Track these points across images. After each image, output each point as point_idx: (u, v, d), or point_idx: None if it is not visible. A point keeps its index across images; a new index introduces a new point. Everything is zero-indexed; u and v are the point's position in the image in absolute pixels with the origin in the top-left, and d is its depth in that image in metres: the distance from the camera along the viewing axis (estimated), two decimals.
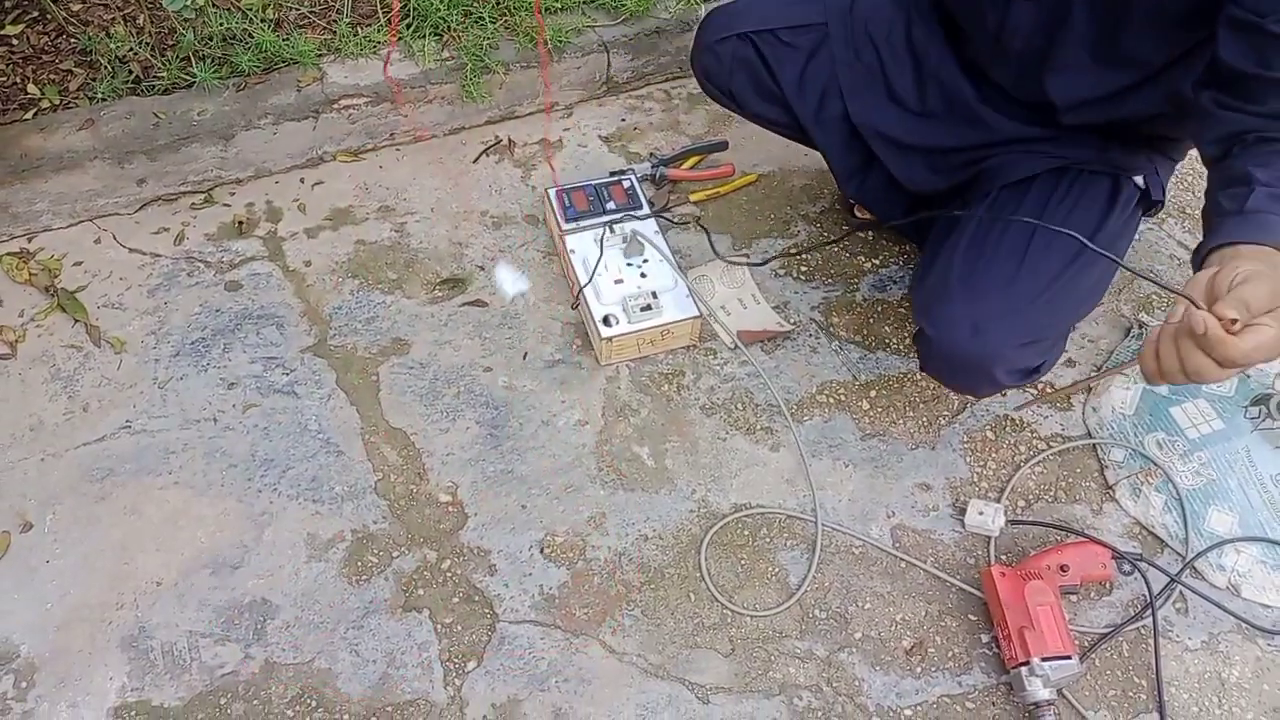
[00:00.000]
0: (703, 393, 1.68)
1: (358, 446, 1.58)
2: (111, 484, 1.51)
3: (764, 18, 1.56)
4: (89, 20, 1.97)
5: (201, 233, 1.83)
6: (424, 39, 1.98)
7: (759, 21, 1.56)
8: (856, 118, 1.55)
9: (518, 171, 1.98)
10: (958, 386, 1.57)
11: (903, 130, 1.52)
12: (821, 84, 1.56)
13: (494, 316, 1.75)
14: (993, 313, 1.34)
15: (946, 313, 1.37)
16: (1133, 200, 1.44)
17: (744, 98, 1.63)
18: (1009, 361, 1.38)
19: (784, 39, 1.54)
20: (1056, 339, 1.47)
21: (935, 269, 1.42)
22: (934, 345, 1.40)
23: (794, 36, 1.54)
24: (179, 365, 1.65)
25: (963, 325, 1.35)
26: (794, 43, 1.54)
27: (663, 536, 1.51)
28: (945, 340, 1.37)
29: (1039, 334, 1.38)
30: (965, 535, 1.53)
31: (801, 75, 1.56)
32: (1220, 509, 1.50)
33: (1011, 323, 1.34)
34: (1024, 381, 1.49)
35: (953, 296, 1.37)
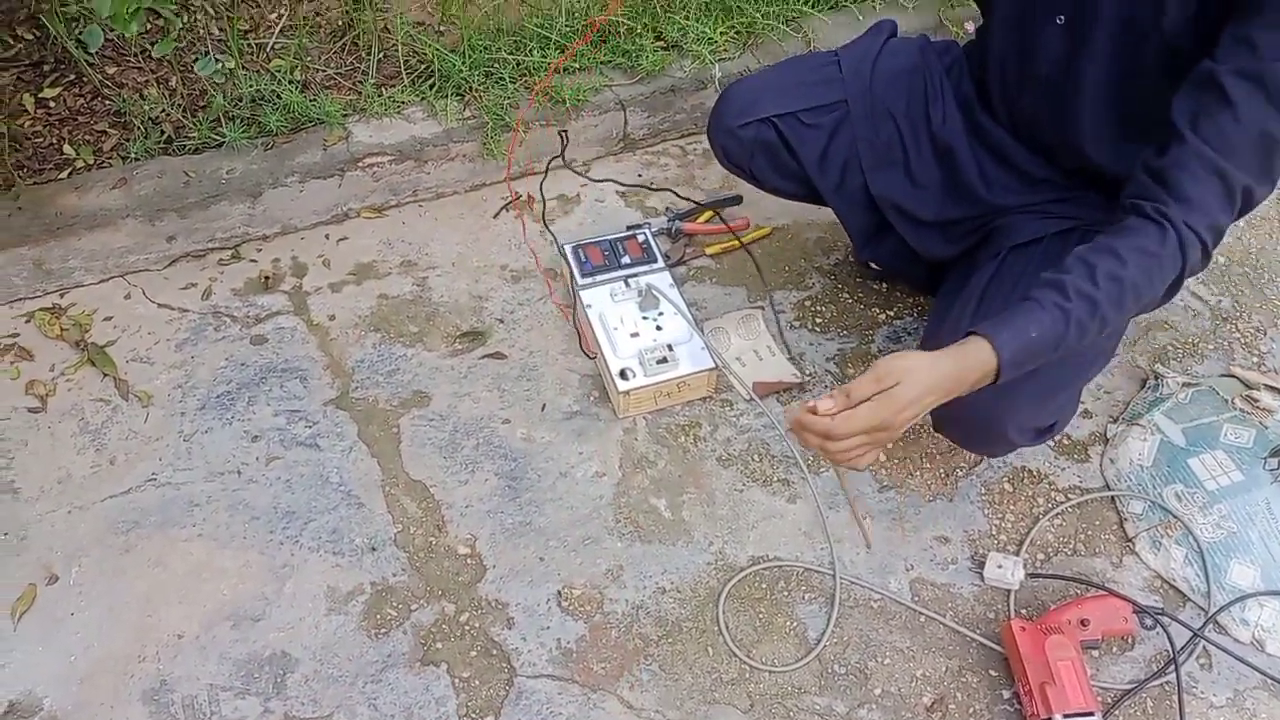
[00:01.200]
0: (719, 444, 1.69)
1: (378, 498, 1.60)
2: (137, 536, 1.53)
3: (785, 100, 1.57)
4: (124, 83, 2.04)
5: (229, 288, 1.87)
6: (446, 99, 2.03)
7: (780, 105, 1.56)
8: (877, 193, 1.58)
9: (537, 226, 2.02)
10: (973, 447, 1.57)
11: (918, 204, 1.56)
12: (843, 159, 1.58)
13: (513, 369, 1.78)
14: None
15: None
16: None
17: (763, 175, 1.66)
18: (1021, 421, 1.39)
19: (805, 120, 1.56)
20: (1069, 397, 1.47)
21: (945, 329, 1.44)
22: (946, 407, 1.40)
23: (815, 117, 1.56)
24: (204, 418, 1.68)
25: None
26: (815, 123, 1.56)
27: (680, 589, 1.51)
28: (958, 401, 1.38)
29: (1052, 390, 1.39)
30: (985, 589, 1.52)
31: (824, 154, 1.58)
32: (1242, 562, 1.49)
33: (1023, 382, 1.34)
34: (1039, 440, 1.50)
35: None
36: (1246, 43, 1.08)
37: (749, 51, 2.20)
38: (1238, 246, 2.02)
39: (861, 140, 1.56)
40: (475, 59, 2.06)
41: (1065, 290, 1.11)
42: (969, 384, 1.13)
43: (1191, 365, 1.81)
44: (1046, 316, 1.11)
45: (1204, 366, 1.81)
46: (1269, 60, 1.07)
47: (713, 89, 2.15)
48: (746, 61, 2.18)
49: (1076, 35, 1.29)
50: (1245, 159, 1.11)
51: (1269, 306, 1.91)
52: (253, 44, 2.09)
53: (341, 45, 2.12)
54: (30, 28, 2.08)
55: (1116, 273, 1.11)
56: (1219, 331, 1.87)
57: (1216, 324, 1.88)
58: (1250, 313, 1.90)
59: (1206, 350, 1.84)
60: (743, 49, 2.20)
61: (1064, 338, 1.11)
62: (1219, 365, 1.80)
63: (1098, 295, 1.10)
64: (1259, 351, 1.84)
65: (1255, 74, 1.08)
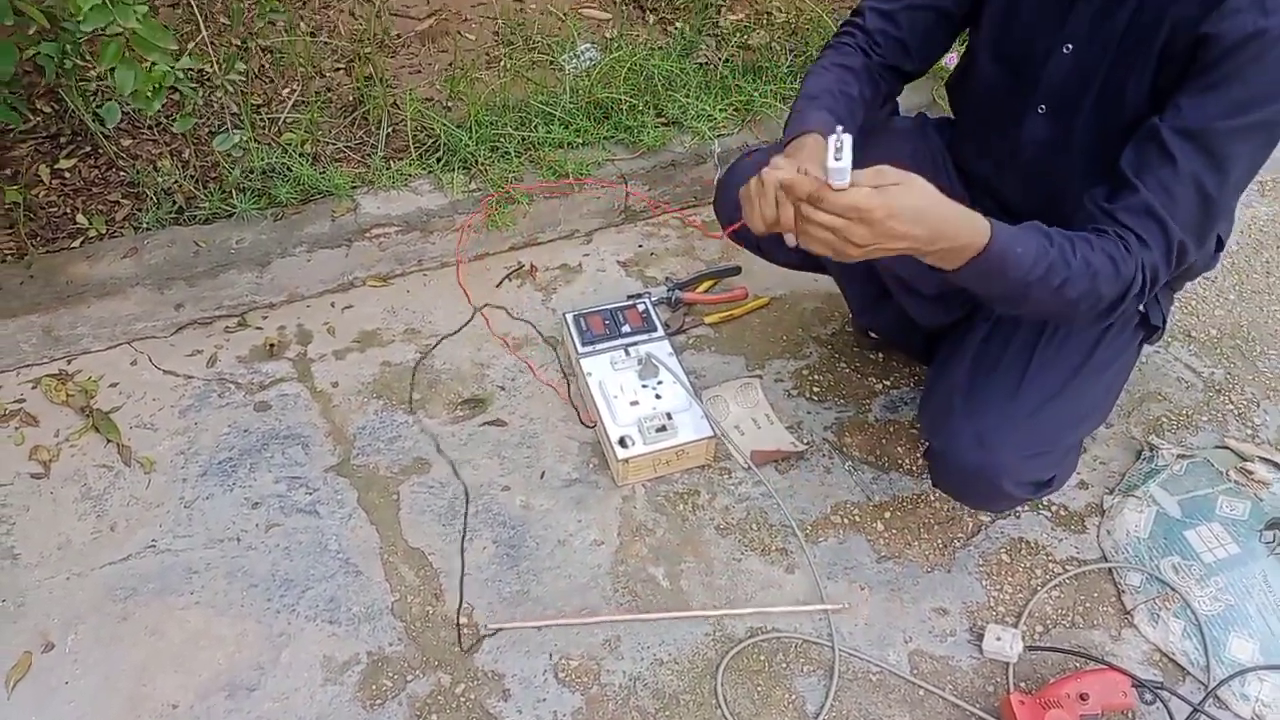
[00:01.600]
0: (718, 512, 1.69)
1: (376, 566, 1.60)
2: (134, 604, 1.53)
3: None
4: (138, 155, 2.10)
5: (234, 355, 1.90)
6: (453, 172, 2.08)
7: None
8: (879, 264, 1.61)
9: (539, 295, 2.06)
10: (971, 501, 1.59)
11: (917, 276, 1.58)
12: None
13: (513, 435, 1.79)
14: (995, 425, 1.39)
15: (951, 426, 1.42)
16: (1130, 324, 1.47)
17: (771, 250, 1.71)
18: (1016, 473, 1.41)
19: None
20: (1065, 452, 1.49)
21: (940, 385, 1.48)
22: (941, 459, 1.44)
23: None
24: (206, 485, 1.69)
25: (967, 437, 1.40)
26: None
27: (678, 661, 1.50)
28: (951, 453, 1.42)
29: (1043, 446, 1.42)
30: (983, 661, 1.52)
31: None
32: (1241, 636, 1.48)
33: (1014, 435, 1.39)
34: (1037, 495, 1.52)
35: (956, 410, 1.42)
36: (1189, 105, 1.15)
37: (747, 128, 2.26)
38: (1229, 319, 2.05)
39: None
40: (481, 134, 2.12)
41: (1052, 240, 1.16)
42: (952, 239, 1.11)
43: (1186, 437, 1.82)
44: (1033, 244, 1.15)
45: (1198, 438, 1.82)
46: (1207, 121, 1.14)
47: (712, 163, 2.21)
48: (745, 137, 2.24)
49: (1058, 122, 1.35)
50: (1184, 214, 1.17)
51: (1261, 379, 1.94)
52: (265, 118, 2.15)
53: (352, 120, 2.19)
54: (49, 101, 2.15)
55: (1088, 257, 1.17)
56: (1212, 403, 1.89)
57: (1210, 396, 1.90)
58: (1243, 385, 1.92)
59: (1200, 422, 1.85)
60: (741, 125, 2.26)
61: (1031, 271, 1.14)
62: (1213, 437, 1.82)
63: (1072, 261, 1.16)
64: (1253, 424, 1.85)
65: (1194, 133, 1.14)
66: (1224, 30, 1.10)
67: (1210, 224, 1.21)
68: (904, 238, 1.08)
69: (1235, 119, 1.13)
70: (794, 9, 2.59)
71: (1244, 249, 2.22)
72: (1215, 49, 1.11)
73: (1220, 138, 1.14)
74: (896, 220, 1.06)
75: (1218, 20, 1.11)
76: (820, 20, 2.47)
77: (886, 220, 1.06)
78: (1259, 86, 1.12)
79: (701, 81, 2.31)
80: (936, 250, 1.12)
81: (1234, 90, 1.12)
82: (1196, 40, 1.13)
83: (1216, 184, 1.17)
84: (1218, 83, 1.13)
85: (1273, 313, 2.08)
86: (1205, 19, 1.12)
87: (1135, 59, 1.22)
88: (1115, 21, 1.24)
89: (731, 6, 2.60)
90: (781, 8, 2.60)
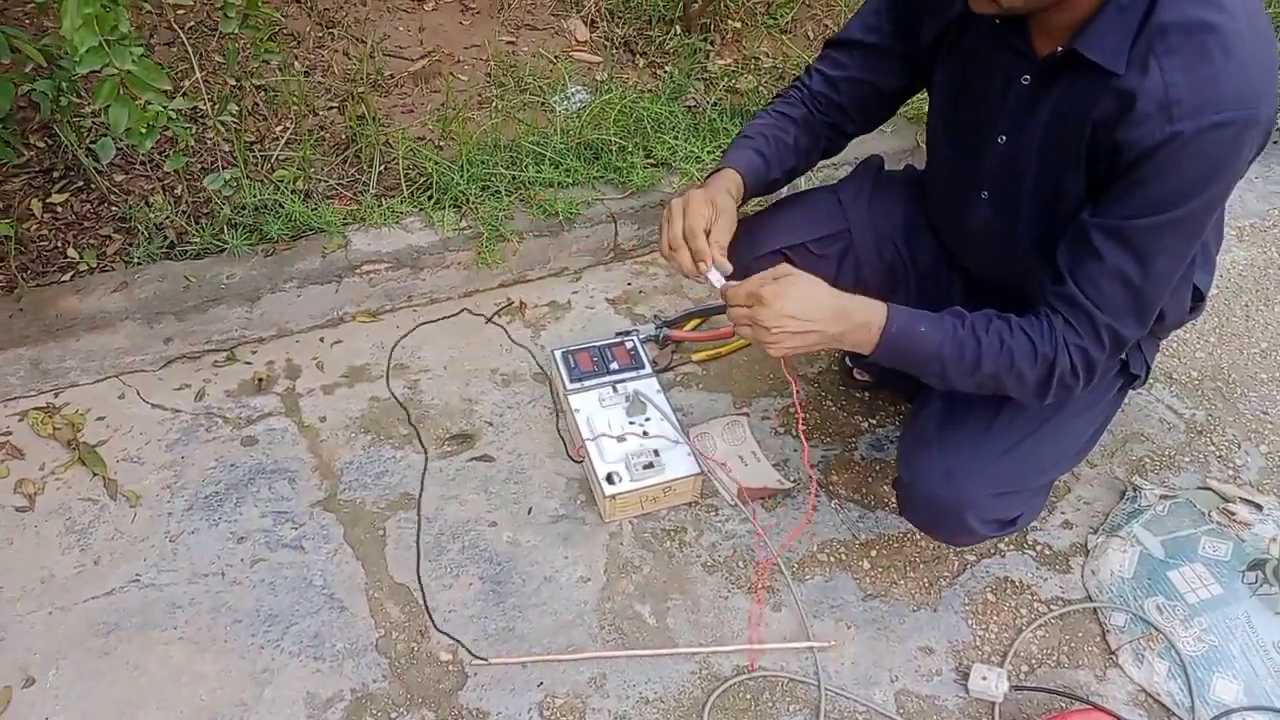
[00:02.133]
0: (704, 550, 1.70)
1: (361, 602, 1.59)
2: (116, 639, 1.52)
3: (794, 233, 1.63)
4: (130, 190, 2.11)
5: (222, 389, 1.90)
6: (444, 210, 2.11)
7: (790, 237, 1.63)
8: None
9: (528, 331, 2.07)
10: (935, 533, 1.60)
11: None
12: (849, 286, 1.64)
13: (500, 471, 1.79)
14: (965, 461, 1.41)
15: (922, 459, 1.45)
16: (1109, 372, 1.49)
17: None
18: (982, 510, 1.43)
19: (814, 250, 1.62)
20: (1034, 493, 1.51)
21: (917, 420, 1.51)
22: (910, 490, 1.47)
23: (822, 247, 1.62)
24: (191, 519, 1.69)
25: (936, 471, 1.42)
26: (823, 253, 1.62)
27: (664, 700, 1.50)
28: (919, 484, 1.45)
29: (1012, 485, 1.44)
30: (969, 701, 1.52)
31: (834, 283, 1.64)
32: (1225, 677, 1.49)
33: (983, 472, 1.41)
34: (1002, 533, 1.54)
35: (929, 443, 1.45)
36: (1113, 203, 1.21)
37: None
38: (1209, 361, 2.08)
39: (865, 265, 1.63)
40: (473, 173, 2.14)
41: (964, 322, 1.29)
42: (849, 327, 1.29)
43: (1168, 477, 1.84)
44: (938, 328, 1.29)
45: (1181, 479, 1.84)
46: (1127, 219, 1.20)
47: None
48: None
49: (1001, 207, 1.41)
50: (1111, 304, 1.24)
51: (1241, 420, 1.96)
52: (258, 155, 2.17)
53: (344, 158, 2.21)
54: (43, 136, 2.16)
55: (1003, 336, 1.28)
56: (1194, 444, 1.91)
57: (1192, 437, 1.92)
58: (1224, 426, 1.95)
59: (1183, 463, 1.87)
60: None
61: (939, 351, 1.28)
62: (1195, 478, 1.84)
63: (982, 341, 1.28)
64: (1234, 465, 1.87)
65: (1116, 230, 1.21)
66: (1136, 138, 1.15)
67: (1143, 307, 1.27)
68: (802, 319, 1.26)
69: (1154, 216, 1.19)
70: (781, 54, 2.64)
71: (1224, 293, 2.25)
72: (1130, 154, 1.17)
73: (1141, 234, 1.20)
74: (787, 301, 1.25)
75: (1127, 129, 1.16)
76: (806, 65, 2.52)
77: (776, 301, 1.25)
78: (1175, 186, 1.17)
79: (690, 124, 2.34)
80: (840, 333, 1.29)
81: (1152, 190, 1.18)
82: (1114, 144, 1.18)
83: (1141, 276, 1.23)
84: (1137, 183, 1.18)
85: (1252, 355, 2.11)
86: (1118, 126, 1.17)
87: (1065, 154, 1.27)
88: (1038, 117, 1.29)
89: (720, 51, 2.65)
90: (769, 53, 2.66)
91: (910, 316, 1.29)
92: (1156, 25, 1.13)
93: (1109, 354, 1.29)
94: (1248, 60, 1.12)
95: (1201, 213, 1.20)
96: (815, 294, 1.28)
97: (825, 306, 1.27)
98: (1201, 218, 1.21)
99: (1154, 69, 1.13)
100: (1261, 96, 1.13)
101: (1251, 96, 1.12)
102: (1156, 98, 1.12)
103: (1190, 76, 1.12)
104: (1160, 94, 1.12)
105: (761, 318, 1.26)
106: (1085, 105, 1.21)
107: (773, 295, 1.25)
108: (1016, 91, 1.30)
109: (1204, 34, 1.12)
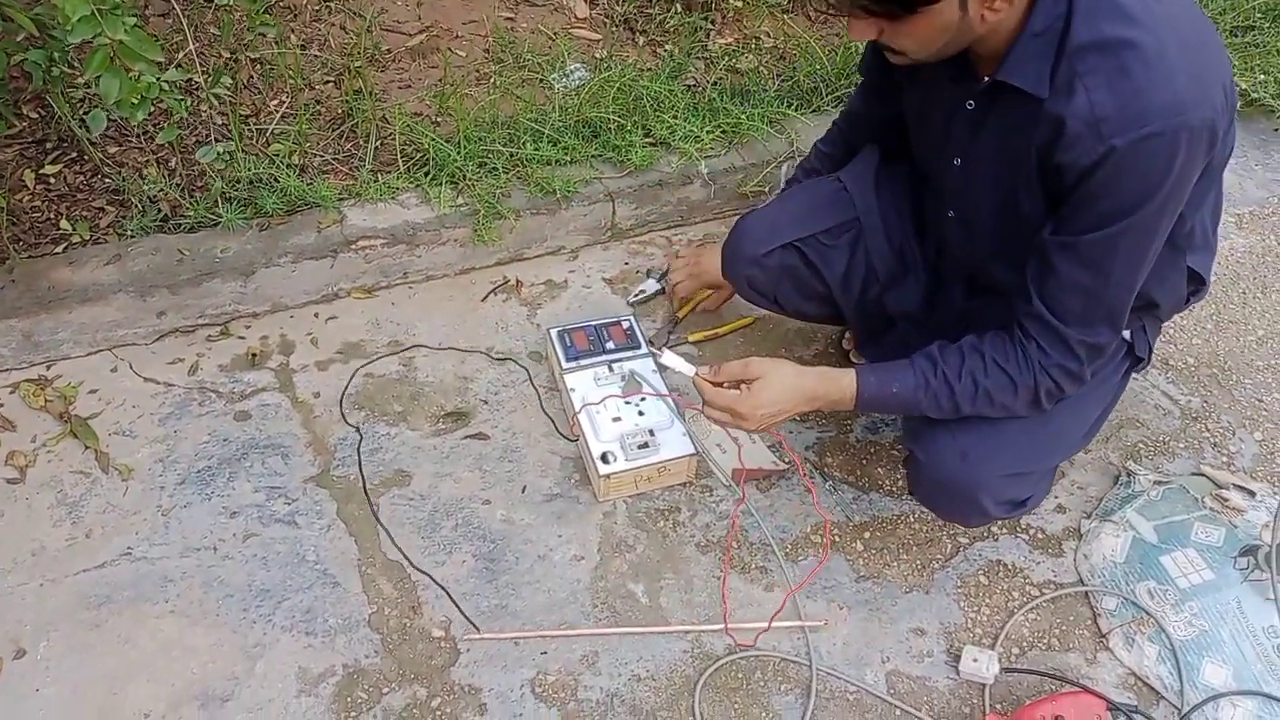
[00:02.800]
0: (699, 530, 1.70)
1: (354, 578, 1.59)
2: (108, 611, 1.52)
3: (804, 225, 1.66)
4: (124, 162, 2.09)
5: (215, 364, 1.89)
6: (440, 186, 2.09)
7: (800, 229, 1.66)
8: (892, 307, 1.67)
9: (524, 309, 2.06)
10: (946, 513, 1.61)
11: (924, 311, 1.65)
12: (861, 277, 1.67)
13: (495, 449, 1.79)
14: (979, 442, 1.42)
15: (937, 438, 1.45)
16: (1116, 355, 1.50)
17: (787, 299, 1.75)
18: (996, 491, 1.43)
19: (825, 241, 1.65)
20: (1042, 475, 1.52)
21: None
22: (924, 470, 1.47)
23: (832, 238, 1.65)
24: (184, 493, 1.68)
25: (951, 451, 1.43)
26: (834, 244, 1.65)
27: (656, 678, 1.50)
28: (934, 465, 1.45)
29: (1024, 467, 1.45)
30: (960, 682, 1.52)
31: (846, 274, 1.67)
32: (1214, 661, 1.49)
33: (997, 453, 1.42)
34: (1012, 514, 1.54)
35: (944, 423, 1.44)
36: (1064, 219, 1.26)
37: (734, 150, 2.28)
38: (1205, 349, 2.08)
39: (875, 254, 1.65)
40: (470, 149, 2.13)
41: (936, 369, 1.36)
42: (826, 404, 1.40)
43: (1163, 463, 1.84)
44: (911, 382, 1.37)
45: (1175, 465, 1.84)
46: (1079, 234, 1.24)
47: (699, 183, 2.23)
48: (732, 159, 2.26)
49: (965, 224, 1.47)
50: (1075, 317, 1.30)
51: (1237, 407, 1.96)
52: (253, 129, 2.15)
53: (340, 133, 2.19)
54: (36, 106, 2.14)
55: (976, 376, 1.34)
56: (1189, 431, 1.91)
57: (1186, 423, 1.92)
58: (1219, 413, 1.95)
59: (1177, 449, 1.87)
60: (728, 147, 2.28)
61: (917, 404, 1.37)
62: (1189, 464, 1.84)
63: (956, 387, 1.35)
64: (1228, 451, 1.87)
65: (1070, 245, 1.26)
66: (1072, 159, 1.19)
67: (1112, 313, 1.31)
68: (776, 412, 1.38)
69: (1105, 229, 1.23)
70: (783, 34, 2.62)
71: (1221, 280, 2.25)
72: (1071, 175, 1.21)
73: (1095, 246, 1.24)
74: (765, 409, 1.36)
75: (1063, 152, 1.20)
76: (808, 46, 2.50)
77: (756, 412, 1.36)
78: (1119, 199, 1.20)
79: (689, 103, 2.33)
80: (814, 410, 1.42)
81: (1099, 205, 1.22)
82: (1056, 167, 1.22)
83: (1101, 285, 1.27)
84: (1084, 200, 1.22)
85: (1248, 343, 2.11)
86: (1055, 150, 1.21)
87: (1015, 175, 1.31)
88: (984, 140, 1.34)
89: (721, 30, 2.62)
90: (770, 33, 2.63)
91: (880, 381, 1.38)
92: (1074, 47, 1.17)
93: (1088, 363, 1.33)
94: (1169, 70, 1.15)
95: (1151, 218, 1.23)
96: (785, 387, 1.37)
97: (797, 397, 1.38)
98: (1152, 222, 1.24)
99: (1079, 89, 1.17)
100: (1188, 104, 1.15)
101: (1176, 105, 1.15)
102: (1084, 117, 1.16)
103: (1113, 93, 1.15)
104: (1087, 113, 1.16)
105: (743, 425, 1.41)
106: (1023, 129, 1.25)
107: (751, 408, 1.36)
108: (962, 117, 1.35)
109: (1121, 50, 1.15)
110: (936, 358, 1.36)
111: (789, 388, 1.37)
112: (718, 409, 1.40)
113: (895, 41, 1.23)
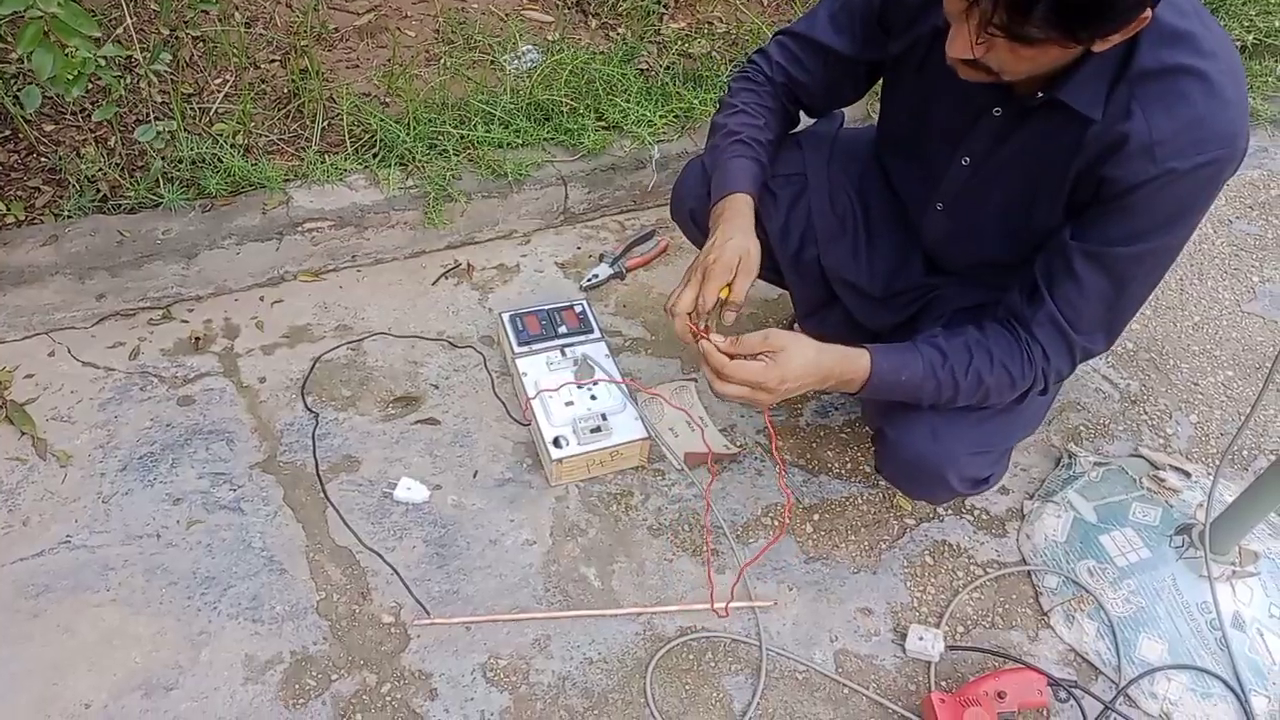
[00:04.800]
0: (650, 513, 1.70)
1: (301, 565, 1.57)
2: (46, 601, 1.48)
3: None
4: (61, 141, 2.03)
5: (157, 348, 1.85)
6: (389, 168, 2.06)
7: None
8: (829, 267, 1.66)
9: (475, 294, 2.04)
10: (914, 490, 1.63)
11: (867, 280, 1.63)
12: (800, 232, 1.66)
13: (445, 435, 1.78)
14: (948, 420, 1.43)
15: (907, 417, 1.46)
16: None
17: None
18: (962, 468, 1.46)
19: (769, 186, 1.62)
20: (1002, 454, 1.55)
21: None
22: (894, 448, 1.48)
23: (778, 186, 1.64)
24: (125, 480, 1.64)
25: (921, 428, 1.44)
26: (778, 192, 1.64)
27: (607, 660, 1.51)
28: (905, 443, 1.46)
29: (987, 446, 1.48)
30: (906, 660, 1.55)
31: (785, 224, 1.65)
32: (1150, 636, 1.54)
33: (965, 432, 1.44)
34: (974, 491, 1.56)
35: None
36: (1095, 227, 1.26)
37: (686, 134, 2.28)
38: (1144, 334, 2.14)
39: (816, 213, 1.63)
40: (419, 130, 2.10)
41: (944, 361, 1.34)
42: (837, 381, 1.34)
43: (1103, 445, 1.89)
44: (919, 370, 1.34)
45: (1114, 446, 1.89)
46: (1108, 244, 1.25)
47: (651, 168, 2.22)
48: (684, 144, 2.26)
49: (958, 220, 1.47)
50: (1087, 324, 1.31)
51: (1173, 391, 2.02)
52: (196, 107, 2.10)
53: (286, 112, 2.15)
54: None
55: (982, 374, 1.33)
56: (1128, 413, 1.96)
57: (1125, 406, 1.97)
58: (1157, 396, 2.00)
59: (1117, 431, 1.92)
60: (680, 132, 2.28)
61: (920, 391, 1.35)
62: (1128, 446, 1.89)
63: (959, 382, 1.33)
64: (1165, 433, 1.93)
65: (1097, 254, 1.26)
66: (1121, 175, 1.20)
67: (1115, 327, 1.35)
68: (800, 388, 1.31)
69: (1136, 245, 1.24)
70: (734, 19, 2.62)
71: None
72: (1116, 187, 1.21)
73: (1122, 261, 1.26)
74: (788, 382, 1.29)
75: (1114, 166, 1.20)
76: (760, 31, 2.50)
77: (781, 385, 1.29)
78: (1159, 217, 1.23)
79: (642, 87, 2.32)
80: (829, 387, 1.34)
81: (1136, 220, 1.23)
82: (1099, 179, 1.23)
83: (1117, 299, 1.30)
84: (1121, 210, 1.23)
85: (1185, 328, 2.17)
86: (1104, 164, 1.21)
87: (1038, 185, 1.32)
88: (1008, 147, 1.33)
89: (674, 15, 2.62)
90: (722, 18, 2.64)
91: (891, 367, 1.34)
92: (1137, 72, 1.17)
93: (1074, 366, 1.37)
94: (1227, 100, 1.17)
95: (1179, 244, 1.27)
96: (808, 360, 1.31)
97: (815, 371, 1.31)
98: (1177, 248, 1.28)
99: (1137, 113, 1.17)
100: (1240, 134, 1.19)
101: (1231, 135, 1.17)
102: (1141, 140, 1.17)
103: (1173, 118, 1.16)
104: (1144, 136, 1.17)
105: (762, 399, 1.31)
106: (1061, 143, 1.25)
107: (777, 380, 1.28)
108: (986, 121, 1.34)
109: (1182, 76, 1.16)
110: (945, 350, 1.34)
111: (810, 361, 1.30)
112: (738, 381, 1.29)
113: (998, 60, 1.15)
